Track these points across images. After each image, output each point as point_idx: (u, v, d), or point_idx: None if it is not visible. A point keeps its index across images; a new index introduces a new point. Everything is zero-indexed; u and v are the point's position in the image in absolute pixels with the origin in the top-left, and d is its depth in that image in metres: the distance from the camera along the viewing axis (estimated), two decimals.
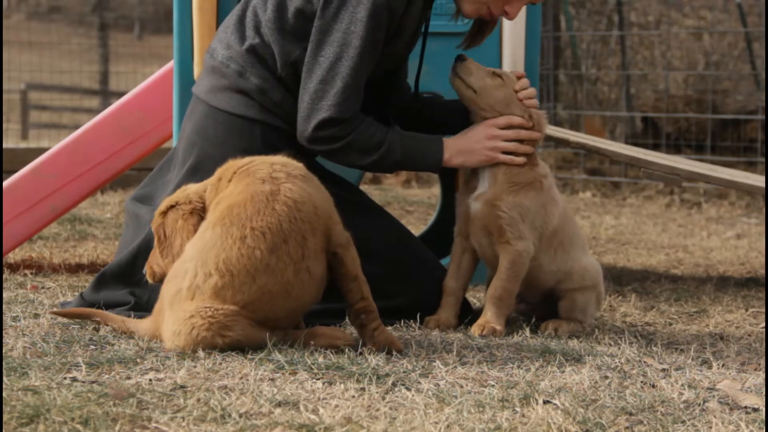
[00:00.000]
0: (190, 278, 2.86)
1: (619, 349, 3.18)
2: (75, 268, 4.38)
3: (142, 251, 3.45)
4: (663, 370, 2.93)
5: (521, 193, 3.37)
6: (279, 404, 2.42)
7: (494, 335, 3.29)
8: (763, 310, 4.00)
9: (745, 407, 2.57)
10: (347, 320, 3.35)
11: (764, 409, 2.54)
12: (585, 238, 3.61)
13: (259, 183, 2.93)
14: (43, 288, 3.95)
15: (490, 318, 3.34)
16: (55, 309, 3.36)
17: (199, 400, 2.42)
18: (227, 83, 3.44)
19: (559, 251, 3.45)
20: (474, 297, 3.94)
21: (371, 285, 3.39)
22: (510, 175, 3.39)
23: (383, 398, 2.51)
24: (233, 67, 3.43)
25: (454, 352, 3.01)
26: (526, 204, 3.36)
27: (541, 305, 3.56)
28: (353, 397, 2.51)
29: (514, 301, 3.42)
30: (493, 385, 2.67)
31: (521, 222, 3.35)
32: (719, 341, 3.39)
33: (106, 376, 2.64)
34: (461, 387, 2.65)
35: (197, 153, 3.46)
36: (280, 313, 2.93)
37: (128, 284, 3.46)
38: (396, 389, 2.59)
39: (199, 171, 3.44)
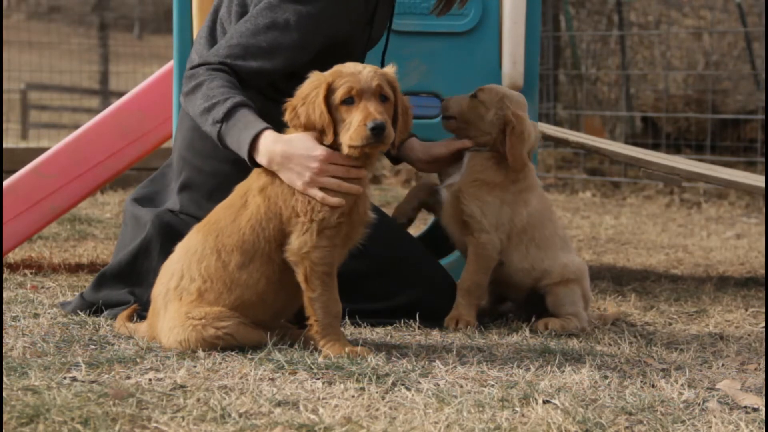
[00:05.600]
0: (176, 280, 2.97)
1: (619, 349, 3.18)
2: (75, 268, 4.38)
3: (142, 251, 3.46)
4: (663, 370, 2.93)
5: (484, 190, 3.46)
6: (279, 404, 2.42)
7: (466, 327, 3.37)
8: (763, 310, 4.00)
9: (745, 407, 2.57)
10: (346, 320, 3.36)
11: (764, 409, 2.54)
12: (569, 238, 3.64)
13: (238, 197, 3.01)
14: (43, 288, 3.95)
15: (461, 311, 3.42)
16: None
17: (198, 399, 2.42)
18: None
19: (531, 249, 3.50)
20: None
21: (370, 285, 3.41)
22: (479, 170, 3.48)
23: (383, 398, 2.51)
24: None
25: (454, 352, 3.02)
26: (488, 200, 3.45)
27: (529, 305, 3.57)
28: (353, 397, 2.51)
29: (484, 292, 3.48)
30: (492, 385, 2.67)
31: (483, 216, 3.44)
32: (719, 341, 3.39)
33: (106, 376, 2.64)
34: (461, 387, 2.65)
35: (188, 168, 3.47)
36: (263, 317, 2.99)
37: (128, 284, 3.46)
38: (396, 389, 2.59)
39: (192, 186, 3.46)
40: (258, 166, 3.00)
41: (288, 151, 2.94)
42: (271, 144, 2.97)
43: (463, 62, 4.06)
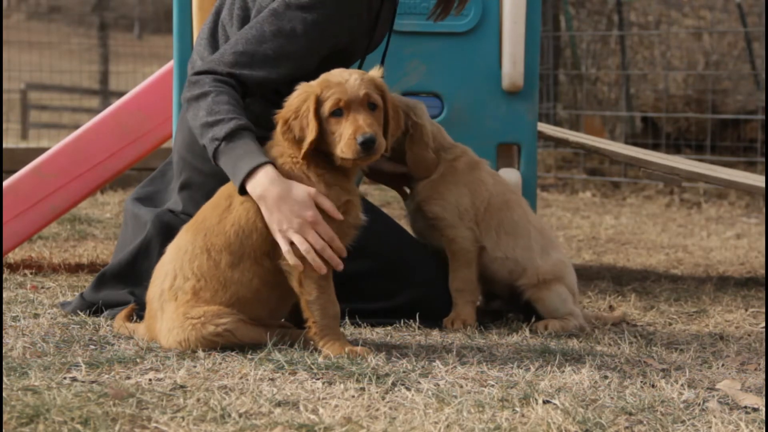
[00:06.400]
0: (170, 280, 2.96)
1: (619, 349, 3.18)
2: (75, 268, 4.38)
3: (142, 252, 3.46)
4: (663, 370, 2.93)
5: (436, 185, 3.51)
6: (279, 404, 2.42)
7: (465, 327, 3.38)
8: (763, 310, 4.00)
9: (745, 407, 2.57)
10: (346, 320, 3.36)
11: (764, 409, 2.54)
12: (550, 233, 3.64)
13: (223, 198, 3.02)
14: (43, 288, 3.95)
15: (459, 311, 3.45)
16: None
17: (198, 400, 2.42)
18: None
19: (501, 235, 3.52)
20: None
21: (371, 285, 3.41)
22: (424, 176, 3.53)
23: (383, 398, 2.51)
24: None
25: (454, 352, 3.02)
26: (443, 193, 3.50)
27: (516, 302, 3.58)
28: (353, 397, 2.51)
29: (476, 287, 3.50)
30: (492, 385, 2.67)
31: (444, 211, 3.48)
32: (719, 341, 3.39)
33: (106, 376, 2.64)
34: (461, 387, 2.65)
35: (188, 169, 3.47)
36: (260, 314, 3.00)
37: (128, 284, 3.47)
38: (396, 389, 2.59)
39: (191, 186, 3.46)
40: (244, 193, 2.96)
41: (283, 196, 2.91)
42: (269, 182, 2.92)
43: (463, 62, 4.06)
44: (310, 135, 2.91)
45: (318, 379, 2.66)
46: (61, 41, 17.35)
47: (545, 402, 2.51)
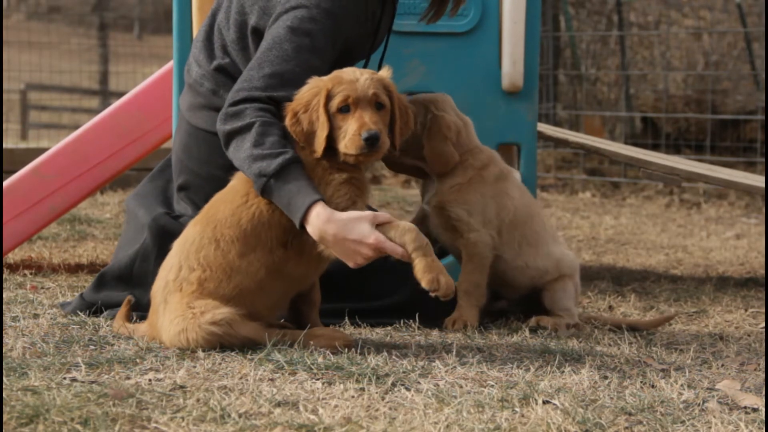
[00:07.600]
0: (175, 271, 2.99)
1: (619, 349, 3.18)
2: (74, 268, 4.38)
3: (140, 257, 3.47)
4: (663, 370, 2.93)
5: (463, 191, 3.50)
6: (278, 404, 2.42)
7: (465, 328, 3.38)
8: (763, 310, 4.01)
9: (745, 407, 2.57)
10: (345, 320, 3.36)
11: (764, 409, 2.54)
12: (555, 231, 3.68)
13: (239, 195, 3.04)
14: (42, 288, 3.95)
15: (462, 312, 3.45)
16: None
17: (198, 400, 2.42)
18: (204, 102, 3.44)
19: (524, 246, 3.53)
20: None
21: (370, 284, 3.42)
22: (450, 176, 3.52)
23: (383, 398, 2.51)
24: (207, 85, 3.43)
25: (454, 352, 3.02)
26: (470, 200, 3.49)
27: (523, 303, 3.60)
28: (353, 397, 2.52)
29: (483, 292, 3.49)
30: (492, 385, 2.67)
31: (469, 216, 3.48)
32: (719, 341, 3.39)
33: (106, 376, 2.64)
34: (461, 387, 2.65)
35: (186, 171, 3.49)
36: (260, 308, 3.02)
37: (128, 285, 3.47)
38: (395, 389, 2.59)
39: (189, 188, 3.47)
40: (304, 228, 2.95)
41: (340, 233, 2.92)
42: (323, 223, 2.92)
43: (462, 62, 4.06)
44: (323, 130, 2.96)
45: (318, 379, 2.66)
46: (61, 41, 17.35)
47: (545, 402, 2.51)
